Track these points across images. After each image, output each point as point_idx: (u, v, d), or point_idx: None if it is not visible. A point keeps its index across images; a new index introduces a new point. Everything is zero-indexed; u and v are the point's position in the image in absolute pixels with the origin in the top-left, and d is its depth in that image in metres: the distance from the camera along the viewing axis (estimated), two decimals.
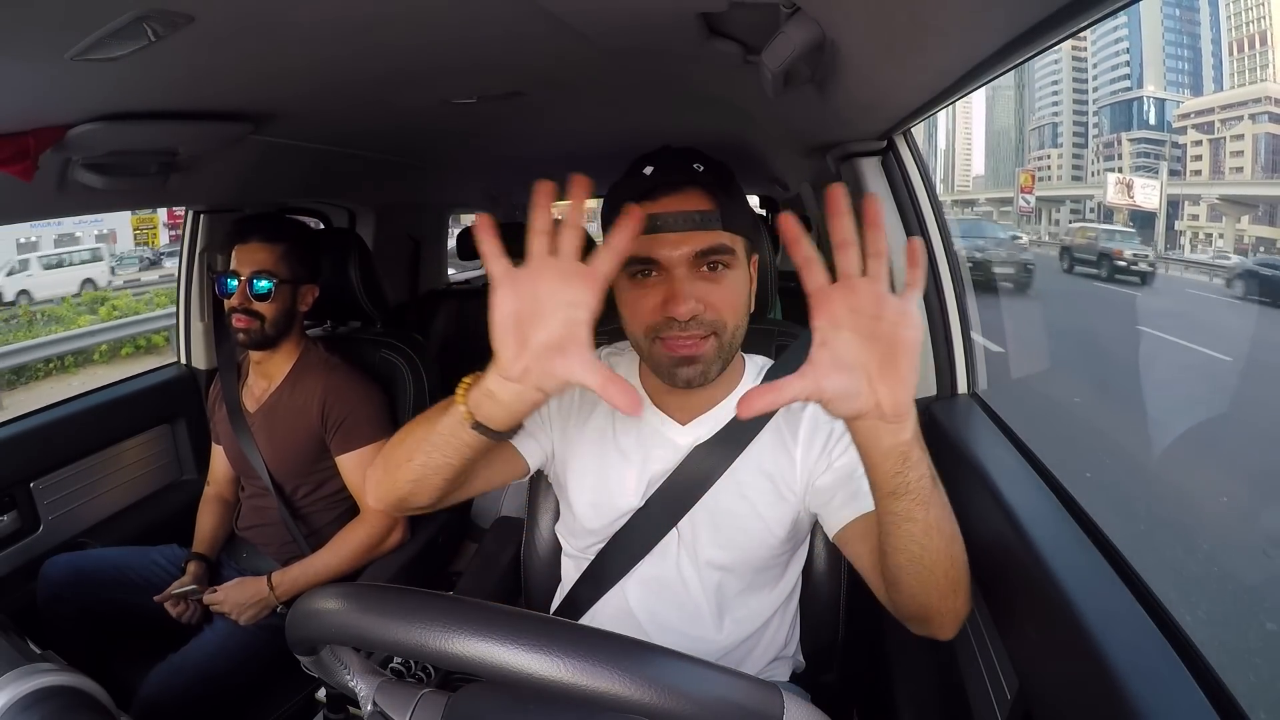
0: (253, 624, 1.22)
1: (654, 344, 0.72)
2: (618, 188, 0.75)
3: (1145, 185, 16.96)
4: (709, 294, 0.71)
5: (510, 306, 0.53)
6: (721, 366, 0.74)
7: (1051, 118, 19.38)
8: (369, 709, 0.56)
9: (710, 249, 0.70)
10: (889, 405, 0.52)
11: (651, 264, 0.71)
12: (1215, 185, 15.45)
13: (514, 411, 0.58)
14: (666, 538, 0.81)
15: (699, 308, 0.70)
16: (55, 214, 1.29)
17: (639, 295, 0.72)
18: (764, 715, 0.41)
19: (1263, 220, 15.21)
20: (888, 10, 0.63)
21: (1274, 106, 9.79)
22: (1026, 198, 14.39)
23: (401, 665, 0.78)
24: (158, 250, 12.95)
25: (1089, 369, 5.55)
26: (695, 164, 0.72)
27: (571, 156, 2.20)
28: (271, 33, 0.76)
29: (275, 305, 1.27)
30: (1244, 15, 13.09)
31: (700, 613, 0.82)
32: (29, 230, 18.20)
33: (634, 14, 0.82)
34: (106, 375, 1.60)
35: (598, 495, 0.82)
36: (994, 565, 0.83)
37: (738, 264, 0.73)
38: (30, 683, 0.53)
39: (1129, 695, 0.52)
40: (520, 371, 0.54)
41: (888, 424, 0.53)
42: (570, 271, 0.52)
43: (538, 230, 0.53)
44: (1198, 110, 12.40)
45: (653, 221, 0.70)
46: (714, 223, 0.71)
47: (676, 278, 0.70)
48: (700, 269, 0.71)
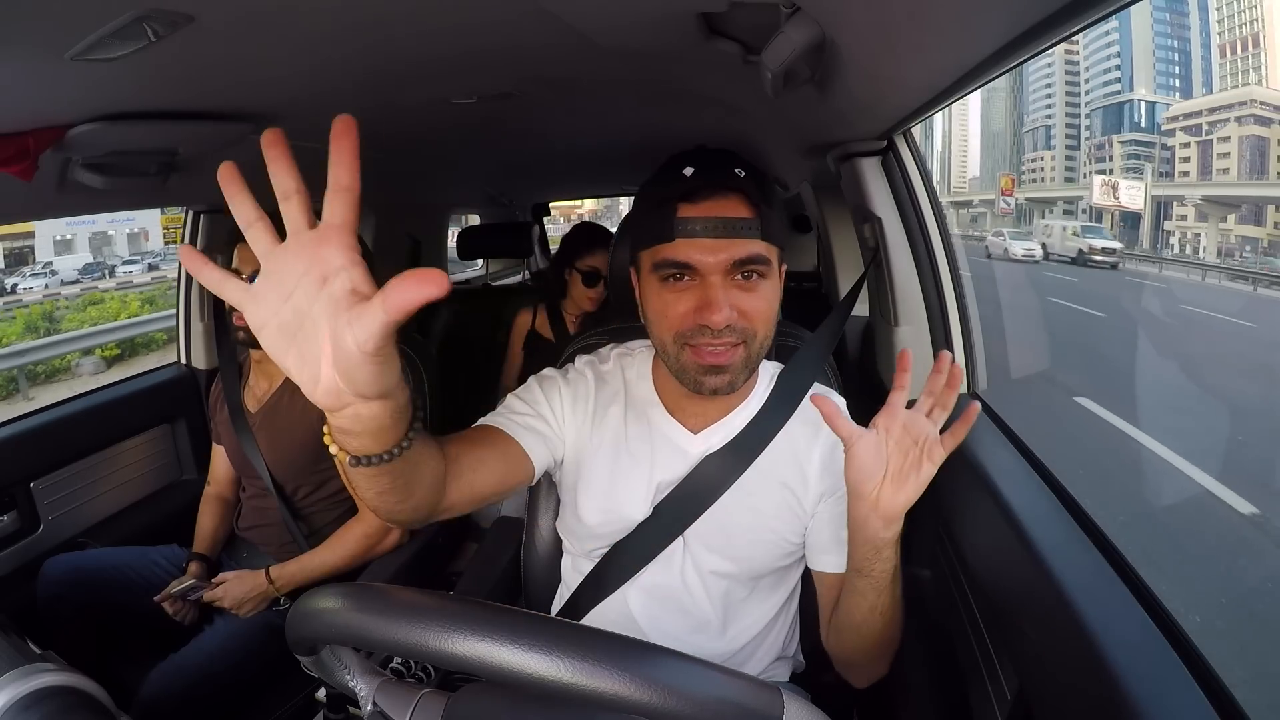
0: (253, 624, 1.22)
1: (683, 350, 0.71)
2: (653, 186, 0.74)
3: (1130, 187, 17.32)
4: (743, 302, 0.70)
5: (270, 312, 0.42)
6: (747, 376, 0.74)
7: (1045, 120, 19.53)
8: (369, 709, 0.56)
9: (748, 258, 0.69)
10: (886, 504, 0.64)
11: (686, 268, 0.70)
12: (1199, 186, 15.74)
13: (372, 429, 0.49)
14: (671, 546, 0.80)
15: (734, 316, 0.69)
16: (55, 214, 1.29)
17: (671, 299, 0.71)
18: (764, 715, 0.41)
19: (1248, 220, 15.46)
20: (888, 10, 0.63)
21: (1259, 109, 9.98)
22: (1007, 199, 15.21)
23: (401, 665, 0.78)
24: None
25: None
26: (737, 168, 0.71)
27: (571, 156, 2.20)
28: (271, 32, 0.76)
29: None
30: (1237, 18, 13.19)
31: (705, 621, 0.81)
32: (65, 228, 18.51)
33: (634, 14, 0.82)
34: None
35: (607, 503, 0.81)
36: (994, 565, 0.83)
37: (772, 274, 0.72)
38: (30, 683, 0.53)
39: (1129, 695, 0.52)
40: (329, 394, 0.43)
41: (878, 518, 0.65)
42: (306, 241, 0.42)
43: (250, 220, 0.43)
44: (1186, 113, 12.67)
45: (691, 225, 0.68)
46: (754, 231, 0.69)
47: (712, 284, 0.69)
48: (735, 277, 0.70)
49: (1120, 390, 5.12)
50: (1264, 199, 15.48)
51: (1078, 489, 0.84)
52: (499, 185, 2.92)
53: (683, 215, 0.69)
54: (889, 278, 1.25)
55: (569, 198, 5.17)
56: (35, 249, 18.18)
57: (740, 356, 0.71)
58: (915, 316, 1.25)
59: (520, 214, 3.50)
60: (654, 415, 0.81)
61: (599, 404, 0.83)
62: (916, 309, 1.25)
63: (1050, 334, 7.66)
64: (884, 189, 1.24)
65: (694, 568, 0.81)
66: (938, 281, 1.23)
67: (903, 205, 1.23)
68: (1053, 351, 6.68)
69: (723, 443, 0.79)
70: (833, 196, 1.99)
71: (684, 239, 0.69)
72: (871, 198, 1.24)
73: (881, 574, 0.68)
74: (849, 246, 1.91)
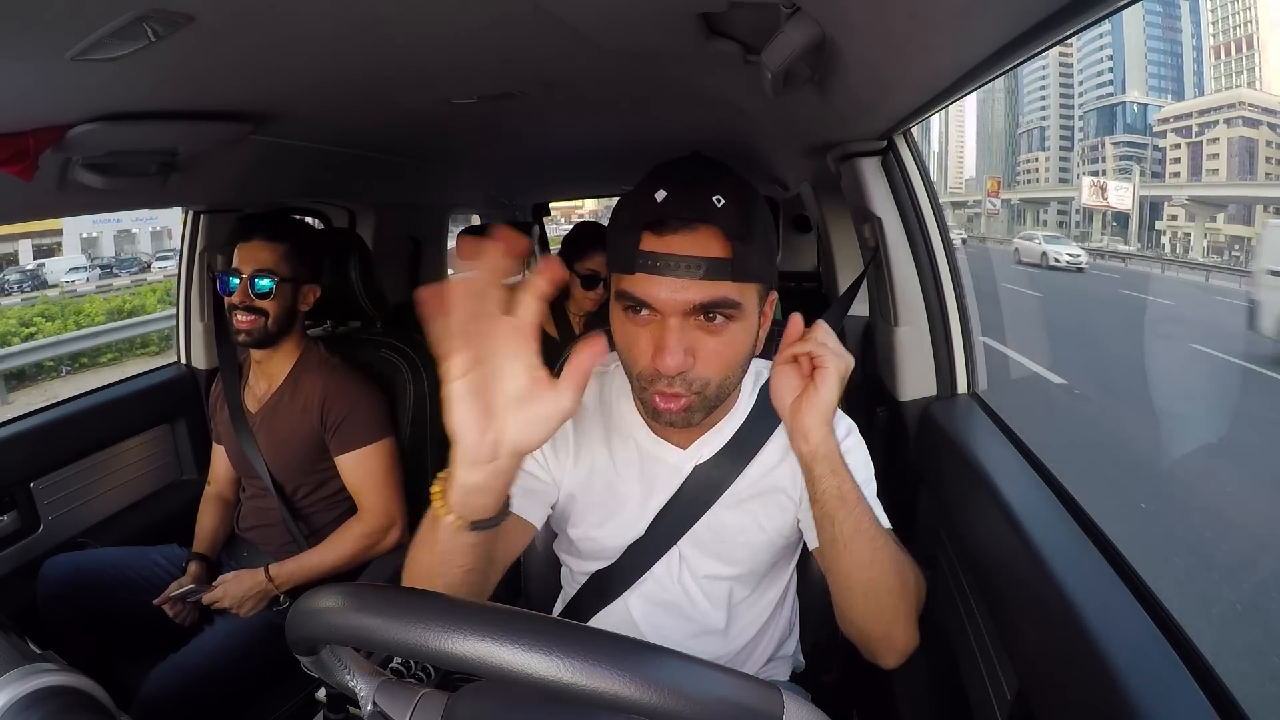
0: (253, 624, 1.22)
1: (643, 390, 0.69)
2: (626, 203, 0.68)
3: (1118, 188, 17.59)
4: (702, 345, 0.65)
5: (466, 391, 0.47)
6: (706, 414, 0.70)
7: (1039, 122, 19.63)
8: (369, 709, 0.56)
9: (712, 302, 0.63)
10: (800, 419, 0.67)
11: (645, 304, 0.65)
12: (1185, 187, 16.01)
13: (499, 490, 0.53)
14: (668, 555, 0.79)
15: (688, 363, 0.64)
16: (55, 214, 1.29)
17: (632, 334, 0.67)
18: (764, 715, 0.41)
19: (1236, 220, 15.66)
20: (888, 10, 0.63)
21: (1248, 111, 10.10)
22: (993, 201, 15.65)
23: (401, 665, 0.78)
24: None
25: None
26: (716, 196, 0.62)
27: (571, 156, 2.20)
28: (272, 32, 0.76)
29: (276, 303, 1.27)
30: (1230, 20, 13.25)
31: (709, 624, 0.81)
32: (91, 226, 18.86)
33: (634, 14, 0.82)
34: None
35: (602, 532, 0.80)
36: (994, 565, 0.83)
37: (743, 316, 0.66)
38: (30, 683, 0.53)
39: (1129, 695, 0.52)
40: (490, 449, 0.49)
41: (797, 433, 0.68)
42: (505, 327, 0.47)
43: (470, 291, 0.46)
44: (1177, 115, 12.80)
45: (652, 261, 0.62)
46: (723, 273, 0.62)
47: (669, 326, 0.64)
48: (698, 318, 0.65)
49: (1018, 335, 7.18)
50: (1251, 199, 15.68)
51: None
52: (499, 185, 2.92)
53: (644, 248, 0.63)
54: (889, 278, 1.26)
55: (569, 198, 5.17)
56: (64, 245, 18.68)
57: (695, 403, 0.67)
58: (915, 316, 1.25)
59: (520, 214, 3.50)
60: (640, 438, 0.79)
61: (578, 440, 0.80)
62: (916, 309, 1.25)
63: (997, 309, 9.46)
64: (884, 189, 1.24)
65: (690, 575, 0.80)
66: (938, 281, 1.23)
67: (902, 205, 1.23)
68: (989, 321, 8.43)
69: (714, 452, 0.77)
70: (833, 196, 1.99)
71: (644, 274, 0.63)
72: (871, 198, 1.24)
73: (832, 500, 0.67)
74: (849, 246, 1.91)
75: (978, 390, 1.25)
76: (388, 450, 1.32)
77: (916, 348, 1.26)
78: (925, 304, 1.24)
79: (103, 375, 6.75)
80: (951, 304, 1.23)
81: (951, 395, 1.24)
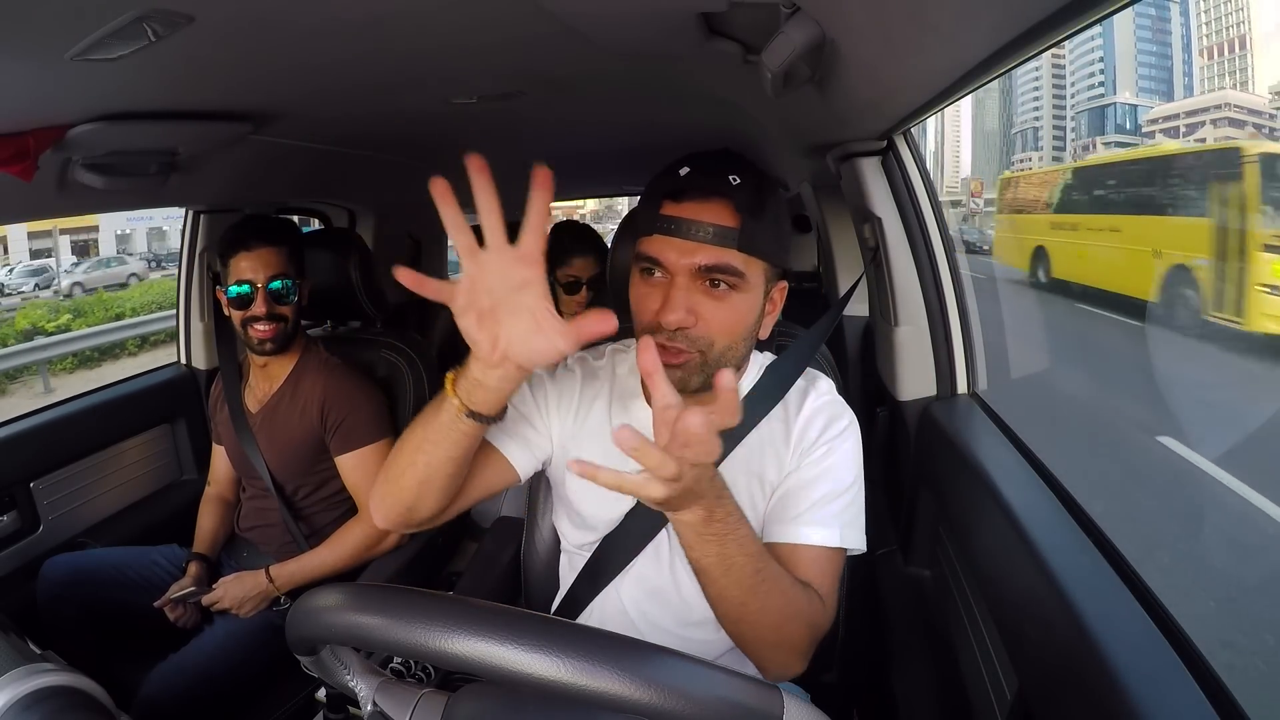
0: (253, 624, 1.22)
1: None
2: (654, 180, 0.75)
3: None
4: (704, 309, 0.70)
5: (470, 302, 0.56)
6: (702, 380, 0.71)
7: (1033, 122, 19.67)
8: (369, 709, 0.56)
9: (716, 266, 0.69)
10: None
11: (658, 264, 0.71)
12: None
13: (502, 393, 0.62)
14: (658, 539, 0.80)
15: (689, 320, 0.69)
16: (55, 214, 1.29)
17: (644, 293, 0.73)
18: (764, 715, 0.41)
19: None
20: (888, 10, 0.63)
21: (1233, 112, 10.15)
22: (976, 201, 15.83)
23: (401, 665, 0.78)
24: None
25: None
26: (731, 175, 0.70)
27: (571, 156, 2.20)
28: (272, 33, 0.76)
29: (295, 305, 1.28)
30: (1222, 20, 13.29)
31: (697, 613, 0.81)
32: (124, 223, 19.19)
33: (634, 14, 0.82)
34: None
35: (596, 493, 0.81)
36: (994, 565, 0.83)
37: (747, 287, 0.71)
38: (30, 683, 0.53)
39: (1129, 695, 0.52)
40: (500, 356, 0.57)
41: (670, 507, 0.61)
42: (510, 256, 0.55)
43: (459, 228, 0.56)
44: (1165, 116, 12.87)
45: (669, 224, 0.70)
46: (730, 240, 0.69)
47: (676, 285, 0.69)
48: (704, 282, 0.70)
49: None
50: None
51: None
52: (499, 185, 2.92)
53: (664, 212, 0.71)
54: (889, 278, 1.26)
55: (569, 198, 5.17)
56: (99, 241, 19.02)
57: (693, 362, 0.70)
58: (915, 316, 1.25)
59: (520, 214, 3.51)
60: (635, 407, 0.82)
61: (583, 399, 0.83)
62: (916, 309, 1.25)
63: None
64: (884, 189, 1.24)
65: (681, 562, 0.81)
66: (937, 281, 1.23)
67: (902, 205, 1.23)
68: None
69: None
70: (833, 196, 1.99)
71: (660, 235, 0.70)
72: (871, 198, 1.24)
73: (698, 554, 0.63)
74: (849, 246, 1.91)
75: (978, 390, 1.25)
76: (388, 450, 1.32)
77: (916, 348, 1.26)
78: (925, 304, 1.24)
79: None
80: (951, 304, 1.23)
81: (951, 395, 1.24)
